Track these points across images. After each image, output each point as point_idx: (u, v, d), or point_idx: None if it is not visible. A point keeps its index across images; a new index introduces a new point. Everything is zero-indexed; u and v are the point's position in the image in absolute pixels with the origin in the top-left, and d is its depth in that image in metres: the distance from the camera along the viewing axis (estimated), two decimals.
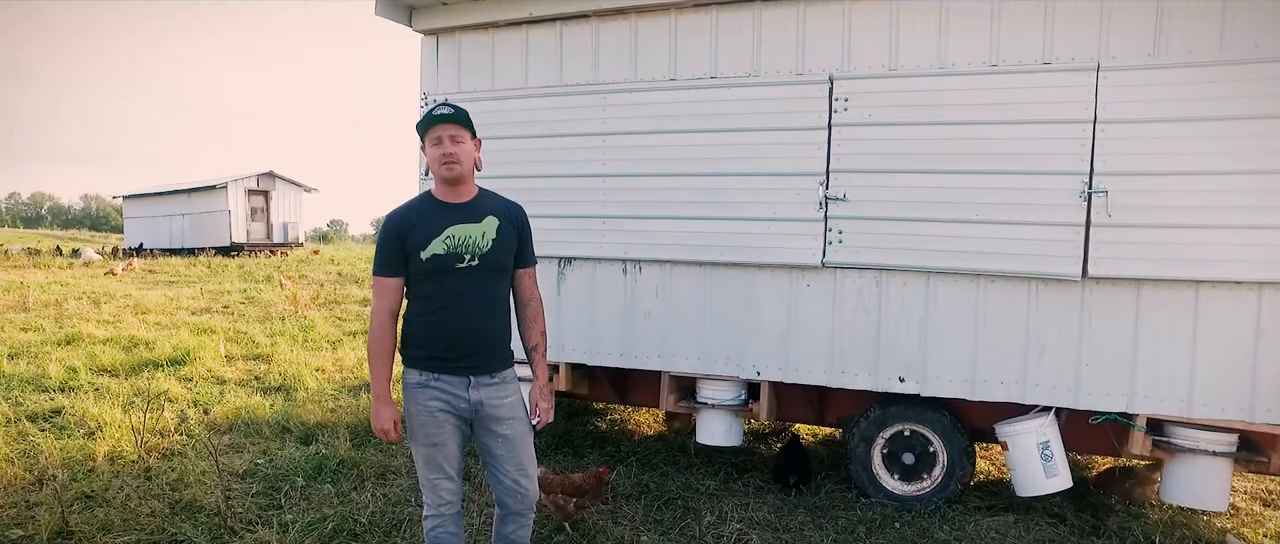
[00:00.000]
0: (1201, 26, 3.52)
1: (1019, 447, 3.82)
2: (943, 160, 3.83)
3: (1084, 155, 3.62)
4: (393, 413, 2.63)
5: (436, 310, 2.59)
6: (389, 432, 2.64)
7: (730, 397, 4.38)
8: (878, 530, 3.75)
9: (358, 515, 3.84)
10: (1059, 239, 3.66)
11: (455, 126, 2.57)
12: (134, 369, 7.38)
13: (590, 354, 4.57)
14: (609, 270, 4.49)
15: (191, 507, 4.00)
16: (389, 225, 2.62)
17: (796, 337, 4.15)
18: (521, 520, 2.77)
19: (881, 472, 4.16)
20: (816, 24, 4.05)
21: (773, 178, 4.11)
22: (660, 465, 4.68)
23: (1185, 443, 3.59)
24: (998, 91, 3.77)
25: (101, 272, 17.24)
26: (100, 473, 4.53)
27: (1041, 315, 3.75)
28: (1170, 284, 3.58)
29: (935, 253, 3.86)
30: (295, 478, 4.41)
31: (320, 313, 11.45)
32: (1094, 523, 3.86)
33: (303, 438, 5.24)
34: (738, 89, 4.16)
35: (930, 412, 4.06)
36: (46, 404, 5.99)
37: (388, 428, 2.64)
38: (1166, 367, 3.59)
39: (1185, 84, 3.51)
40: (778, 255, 4.12)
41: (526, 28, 4.55)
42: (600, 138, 4.40)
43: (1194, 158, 3.49)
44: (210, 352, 8.01)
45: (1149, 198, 3.55)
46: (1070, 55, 3.68)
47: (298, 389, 6.68)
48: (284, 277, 16.41)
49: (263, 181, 25.68)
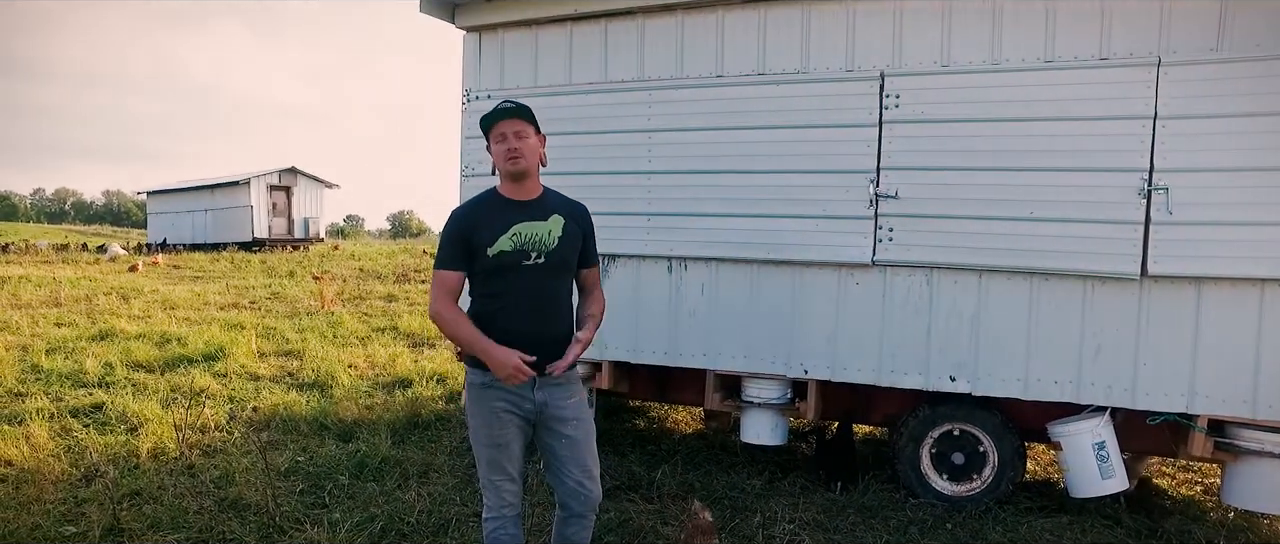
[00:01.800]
0: (1266, 19, 3.44)
1: (1074, 447, 3.76)
2: (996, 157, 3.78)
3: (1144, 152, 3.56)
4: (510, 353, 2.46)
5: (502, 308, 2.57)
6: (522, 366, 2.46)
7: (775, 395, 4.34)
8: (930, 532, 3.71)
9: (406, 515, 3.83)
10: (1117, 236, 3.60)
11: (520, 122, 2.55)
12: (169, 365, 7.44)
13: (633, 352, 4.55)
14: (654, 268, 4.46)
15: (238, 505, 4.01)
16: (455, 220, 2.60)
17: (845, 335, 4.11)
18: (583, 522, 2.75)
19: (930, 472, 4.11)
20: (867, 20, 4.00)
21: (822, 175, 4.06)
22: (703, 465, 4.66)
23: (1250, 445, 3.52)
24: (1053, 88, 3.71)
25: (126, 267, 17.40)
26: (145, 469, 4.56)
27: (1097, 314, 3.69)
28: (1233, 282, 3.51)
29: (988, 251, 3.81)
30: (339, 476, 4.42)
31: (347, 309, 11.50)
32: (1151, 525, 3.80)
33: (341, 435, 5.26)
34: (786, 85, 4.12)
35: (980, 411, 4.01)
36: (86, 400, 6.05)
37: (517, 363, 2.45)
38: (1229, 367, 3.52)
39: (1249, 78, 3.44)
40: (826, 253, 4.08)
41: (571, 25, 4.53)
42: (645, 135, 4.37)
43: (1257, 153, 3.43)
44: (242, 348, 8.06)
45: (1211, 194, 3.48)
46: (1129, 50, 3.61)
47: (332, 386, 6.71)
48: (315, 273, 16.48)
49: (285, 177, 25.85)
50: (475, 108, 4.71)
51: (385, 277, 16.31)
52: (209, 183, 26.21)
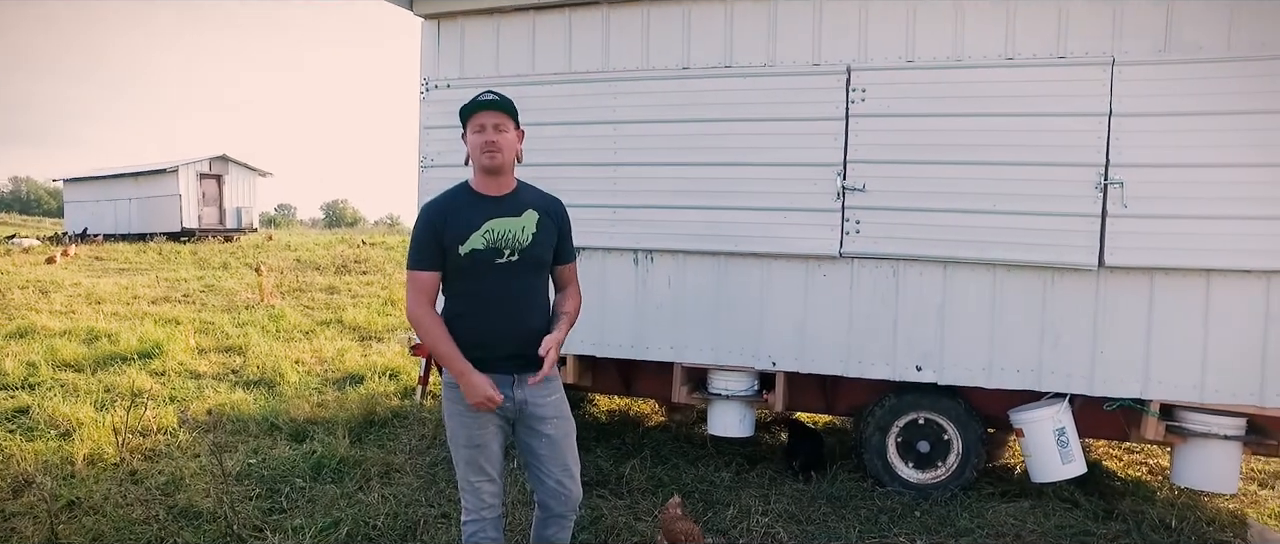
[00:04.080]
0: (1210, 24, 3.59)
1: (1035, 433, 3.88)
2: (960, 151, 3.85)
3: (1100, 147, 3.67)
4: (485, 379, 2.43)
5: (477, 307, 2.49)
6: (494, 397, 2.44)
7: (743, 387, 4.35)
8: (899, 520, 3.78)
9: (371, 518, 3.72)
10: (1076, 229, 3.71)
11: (500, 115, 2.47)
12: (100, 363, 7.07)
13: (599, 346, 4.50)
14: (619, 261, 4.41)
15: (189, 512, 3.83)
16: (425, 217, 2.51)
17: (812, 327, 4.14)
18: (564, 523, 2.71)
19: (897, 460, 4.18)
20: (833, 15, 4.02)
21: (789, 168, 4.07)
22: (671, 458, 4.65)
23: (1197, 427, 3.68)
24: (1013, 84, 3.79)
25: (43, 258, 16.47)
26: (82, 478, 4.31)
27: (1058, 304, 3.80)
28: (1183, 273, 3.65)
29: (952, 243, 3.88)
30: (295, 478, 4.26)
31: (287, 301, 11.13)
32: (1106, 507, 3.95)
33: (294, 435, 5.07)
34: (753, 79, 4.11)
35: (945, 399, 4.10)
36: (8, 403, 5.70)
37: (490, 393, 2.43)
38: (1180, 353, 3.67)
39: (1194, 79, 3.58)
40: (794, 245, 4.09)
41: (534, 14, 4.42)
42: (611, 126, 4.31)
43: (1204, 151, 3.57)
44: (180, 344, 7.71)
45: (1163, 189, 3.61)
46: (1085, 50, 3.71)
47: (280, 383, 6.47)
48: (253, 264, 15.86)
49: (215, 165, 24.81)
50: (435, 97, 4.57)
51: (325, 268, 15.83)
52: (134, 170, 24.97)
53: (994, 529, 3.67)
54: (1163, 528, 3.70)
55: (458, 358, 2.44)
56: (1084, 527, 3.71)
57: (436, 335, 2.46)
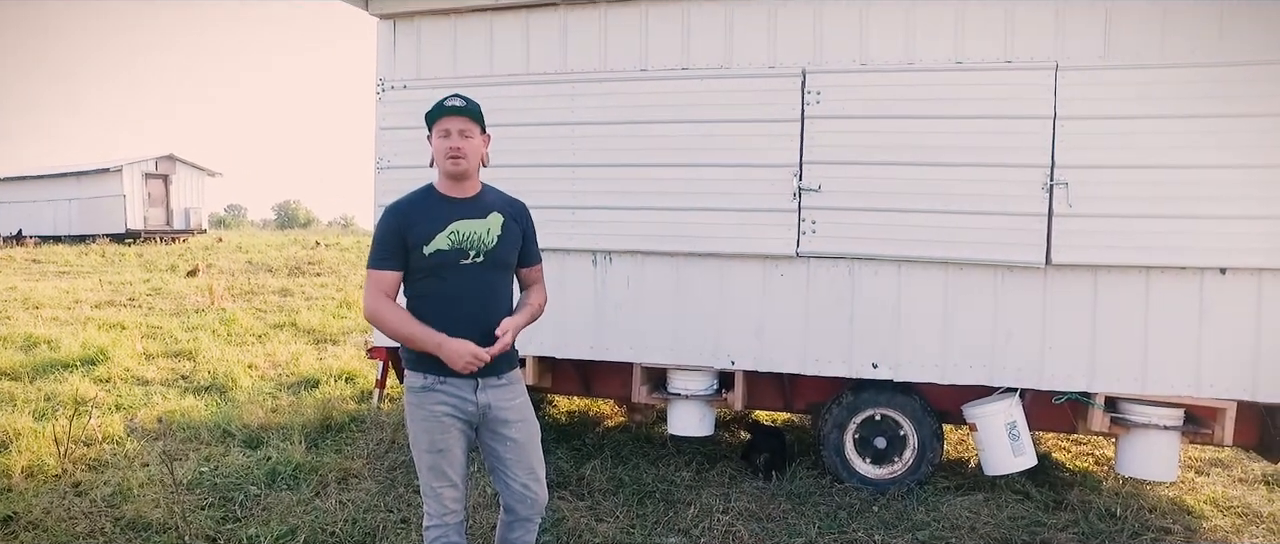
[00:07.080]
0: (1147, 32, 3.73)
1: (987, 428, 3.98)
2: (912, 153, 3.93)
3: (1045, 149, 3.78)
4: (465, 341, 2.39)
5: (441, 308, 2.48)
6: (479, 354, 2.40)
7: (702, 387, 4.39)
8: (858, 516, 3.84)
9: (329, 525, 3.65)
10: (1023, 228, 3.82)
11: (466, 120, 2.46)
12: (39, 371, 6.81)
13: (558, 347, 4.49)
14: (578, 261, 4.41)
15: (138, 524, 3.72)
16: (389, 217, 2.50)
17: (770, 326, 4.19)
18: (529, 526, 2.70)
19: (854, 456, 4.26)
20: (788, 18, 4.07)
21: (746, 169, 4.12)
22: (631, 458, 4.66)
23: (1138, 418, 3.82)
24: (963, 87, 3.89)
25: None
26: (21, 491, 4.15)
27: (1008, 301, 3.91)
28: (1124, 270, 3.79)
29: (906, 242, 3.97)
30: (249, 486, 4.17)
31: (238, 304, 10.87)
32: (1056, 498, 4.07)
33: (247, 442, 4.96)
34: (710, 80, 4.14)
35: (901, 395, 4.19)
36: None
37: (475, 351, 2.39)
38: (1122, 347, 3.80)
39: (1134, 84, 3.71)
40: (751, 246, 4.14)
41: (491, 14, 4.39)
42: (569, 127, 4.31)
43: (1145, 152, 3.71)
44: (125, 349, 7.48)
45: (1105, 189, 3.74)
46: (1030, 55, 3.83)
47: (232, 389, 6.32)
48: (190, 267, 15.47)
49: (162, 165, 24.10)
50: (391, 98, 4.51)
51: (277, 270, 15.51)
52: (75, 170, 24.13)
53: (949, 523, 3.76)
54: (1109, 516, 3.83)
55: (429, 333, 2.41)
56: (1035, 517, 3.83)
57: (399, 318, 2.44)
